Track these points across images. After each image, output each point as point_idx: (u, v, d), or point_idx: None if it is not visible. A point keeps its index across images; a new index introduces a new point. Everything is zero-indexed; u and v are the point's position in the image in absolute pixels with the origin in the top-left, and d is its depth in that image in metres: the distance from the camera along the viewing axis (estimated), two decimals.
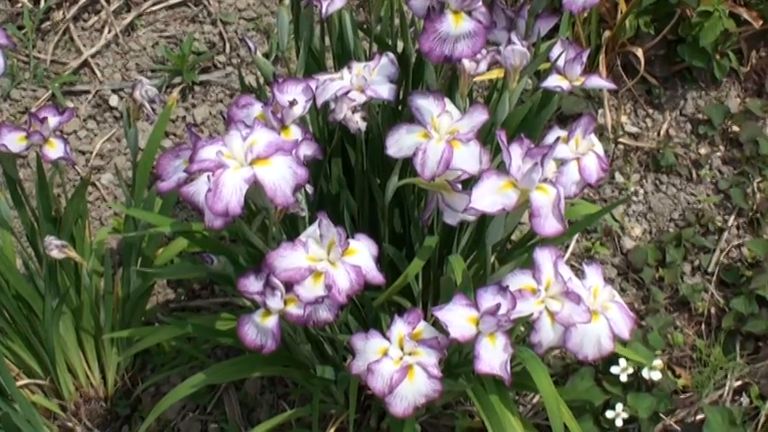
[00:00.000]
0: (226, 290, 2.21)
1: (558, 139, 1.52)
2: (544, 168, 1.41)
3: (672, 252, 2.30)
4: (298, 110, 1.54)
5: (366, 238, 1.51)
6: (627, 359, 2.02)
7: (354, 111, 1.61)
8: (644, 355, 2.03)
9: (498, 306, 1.42)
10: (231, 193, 1.34)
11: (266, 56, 2.62)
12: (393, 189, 1.62)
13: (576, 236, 2.35)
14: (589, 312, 1.49)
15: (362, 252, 1.47)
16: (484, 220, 1.65)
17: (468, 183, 1.50)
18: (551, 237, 1.41)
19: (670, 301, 2.28)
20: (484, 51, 1.59)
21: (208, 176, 1.37)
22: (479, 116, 1.51)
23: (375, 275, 1.48)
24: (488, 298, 1.45)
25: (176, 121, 2.58)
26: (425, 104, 1.52)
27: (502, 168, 1.45)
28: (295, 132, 1.53)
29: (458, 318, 1.44)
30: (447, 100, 1.55)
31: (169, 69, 2.63)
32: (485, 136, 1.69)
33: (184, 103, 2.61)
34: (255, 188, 1.37)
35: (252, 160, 1.37)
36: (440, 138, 1.50)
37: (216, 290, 2.28)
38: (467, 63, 1.56)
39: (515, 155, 1.43)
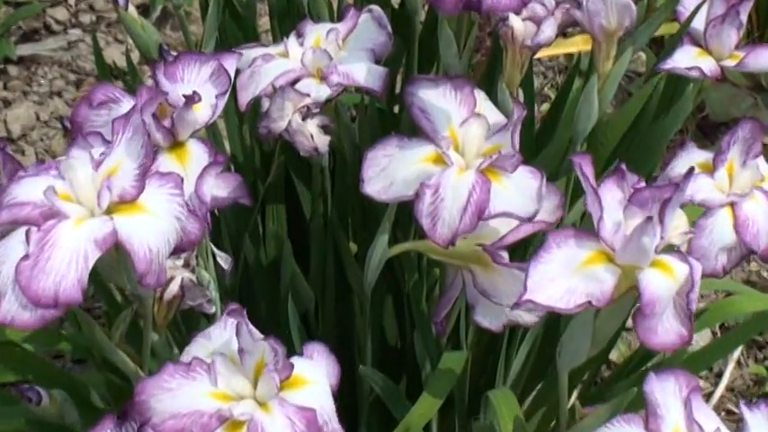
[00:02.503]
0: None
1: (692, 169, 1.52)
2: (665, 226, 1.41)
3: None
4: (203, 112, 1.56)
5: (327, 354, 1.51)
6: None
7: (308, 115, 1.62)
8: None
9: None
10: (68, 262, 1.36)
11: (144, 11, 2.65)
12: (381, 261, 1.62)
13: (737, 353, 2.37)
14: None
15: (319, 382, 1.47)
16: (555, 322, 1.65)
17: (522, 250, 1.50)
18: (668, 350, 1.42)
19: None
20: (551, 2, 1.61)
21: (27, 233, 1.38)
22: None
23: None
24: None
25: None
26: (438, 101, 1.53)
27: (585, 225, 1.45)
28: (196, 154, 1.55)
29: None
30: (480, 93, 1.56)
31: None
32: (556, 161, 1.69)
33: None
34: (117, 256, 1.39)
35: (111, 204, 1.39)
36: (465, 164, 1.51)
37: None
38: (517, 23, 1.57)
39: (610, 200, 1.43)
